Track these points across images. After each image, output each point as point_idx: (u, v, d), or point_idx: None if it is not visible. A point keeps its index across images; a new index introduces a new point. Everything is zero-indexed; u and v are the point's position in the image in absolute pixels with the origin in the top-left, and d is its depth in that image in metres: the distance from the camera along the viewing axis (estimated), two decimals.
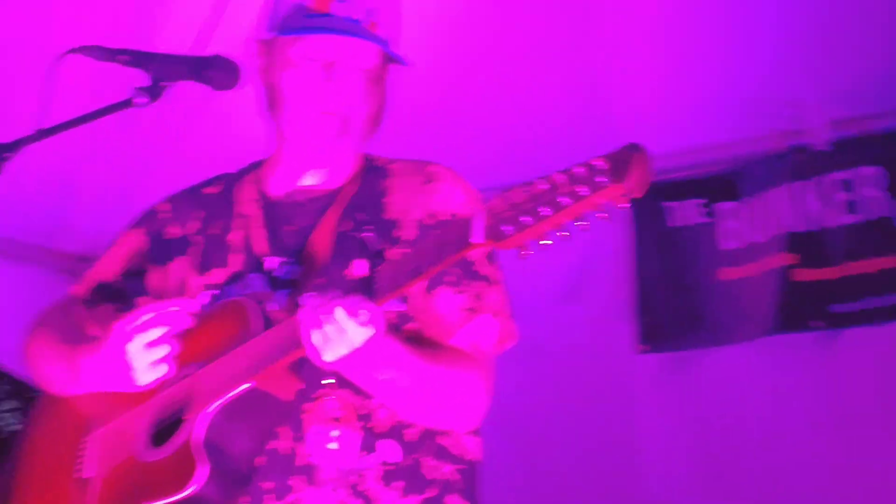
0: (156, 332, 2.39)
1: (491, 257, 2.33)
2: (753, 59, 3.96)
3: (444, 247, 2.08)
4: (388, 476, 2.40)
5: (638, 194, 1.89)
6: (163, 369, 2.40)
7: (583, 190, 1.89)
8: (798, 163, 4.05)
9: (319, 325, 2.14)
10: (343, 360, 2.18)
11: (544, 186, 1.94)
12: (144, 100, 2.36)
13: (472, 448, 2.52)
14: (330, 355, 2.16)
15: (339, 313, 2.12)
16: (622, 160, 1.87)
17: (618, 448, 4.34)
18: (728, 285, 4.19)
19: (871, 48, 3.77)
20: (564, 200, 1.91)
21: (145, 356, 2.39)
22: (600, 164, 1.89)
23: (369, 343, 2.15)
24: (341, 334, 2.13)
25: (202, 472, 2.26)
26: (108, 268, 2.73)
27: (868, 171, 3.92)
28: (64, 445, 2.60)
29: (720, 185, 4.25)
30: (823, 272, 4.01)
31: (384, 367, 2.27)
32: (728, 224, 4.21)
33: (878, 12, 3.71)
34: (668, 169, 4.32)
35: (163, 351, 2.39)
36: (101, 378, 2.46)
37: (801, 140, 4.04)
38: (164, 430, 2.40)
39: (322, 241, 2.48)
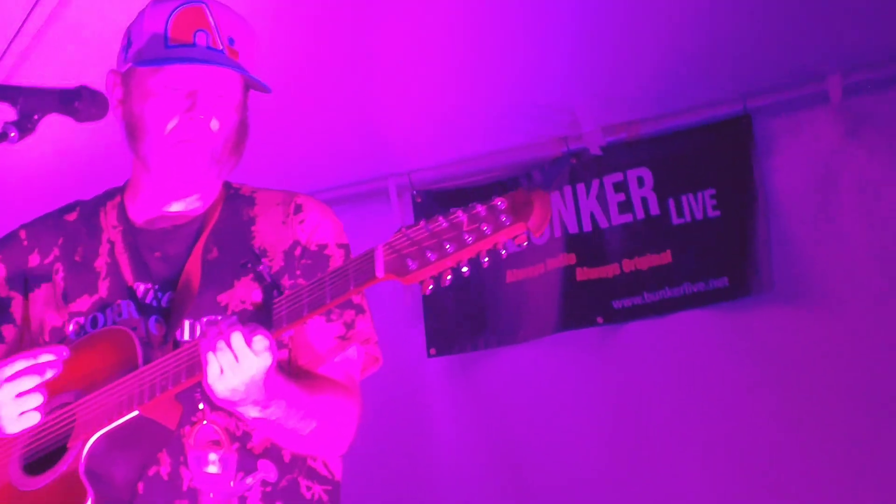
0: (27, 383, 2.34)
1: (432, 287, 2.43)
2: (531, 67, 4.08)
3: (346, 279, 2.13)
4: (267, 497, 2.42)
5: (539, 232, 2.03)
6: (32, 419, 2.35)
7: (487, 228, 2.02)
8: (575, 167, 4.22)
9: (215, 351, 2.15)
10: (237, 393, 2.19)
11: (445, 225, 2.05)
12: (16, 134, 2.33)
13: (335, 469, 2.57)
14: (223, 386, 2.18)
15: (237, 340, 2.14)
16: (522, 201, 2.01)
17: (413, 453, 4.41)
18: (514, 286, 4.32)
19: (639, 56, 3.96)
20: (469, 238, 2.03)
21: (15, 406, 2.34)
22: (501, 204, 2.02)
23: (262, 374, 2.17)
24: (235, 362, 2.15)
25: (89, 500, 2.26)
26: None
27: (638, 172, 4.12)
28: None
29: (502, 190, 4.35)
30: (603, 270, 4.18)
31: (271, 399, 2.27)
32: None
33: (645, 23, 3.89)
34: (451, 176, 4.45)
35: (33, 402, 2.35)
36: None
37: (577, 145, 4.21)
38: (40, 459, 2.37)
39: (193, 267, 2.47)
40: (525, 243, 2.04)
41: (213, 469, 2.36)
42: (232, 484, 2.37)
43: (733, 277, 3.92)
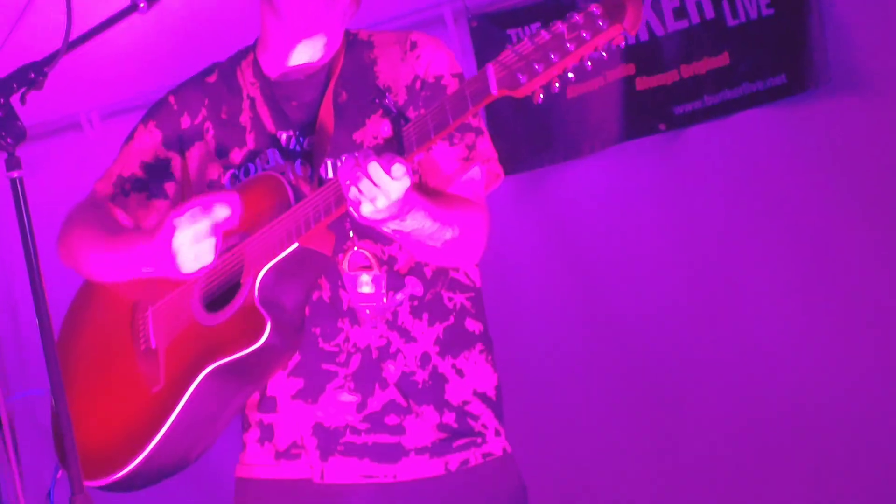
0: (203, 225, 2.53)
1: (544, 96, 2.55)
2: None
3: (464, 100, 2.27)
4: (415, 310, 2.65)
5: (635, 31, 2.15)
6: (207, 259, 2.56)
7: (586, 34, 2.14)
8: None
9: (357, 182, 2.31)
10: (382, 213, 2.36)
11: (548, 37, 2.17)
12: (144, 3, 2.44)
13: (475, 277, 2.77)
14: (368, 208, 2.34)
15: (374, 168, 2.29)
16: (615, 4, 2.13)
17: (483, 268, 4.53)
18: (575, 101, 4.37)
19: None
20: (571, 45, 2.15)
21: (191, 248, 2.54)
22: (596, 10, 2.14)
23: (404, 194, 2.33)
24: (377, 188, 2.31)
25: (268, 325, 2.47)
26: (127, 162, 2.86)
27: None
28: (116, 325, 2.78)
29: (555, 6, 4.38)
30: (662, 77, 4.21)
31: (408, 213, 2.43)
32: None
33: None
34: None
35: (208, 243, 2.54)
36: (150, 265, 2.61)
37: None
38: (217, 298, 2.60)
39: (327, 111, 2.65)
40: (622, 44, 2.16)
41: (366, 289, 2.59)
42: (384, 300, 2.60)
43: (791, 74, 3.93)
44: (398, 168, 2.30)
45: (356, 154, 2.34)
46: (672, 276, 4.22)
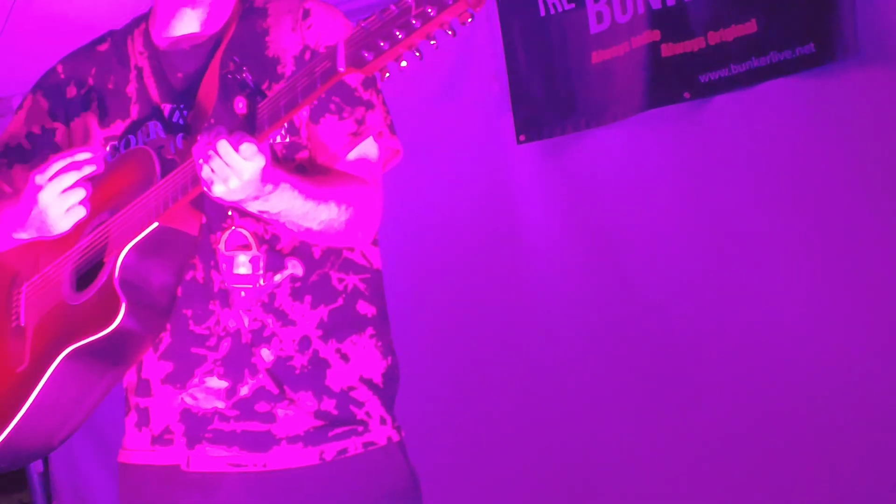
0: (69, 178, 2.49)
1: (367, 82, 2.45)
2: None
3: (313, 78, 2.21)
4: (296, 292, 2.57)
5: (478, 7, 2.05)
6: (79, 212, 2.52)
7: (431, 10, 2.06)
8: None
9: (208, 161, 2.26)
10: (236, 193, 2.30)
11: (395, 12, 2.09)
12: None
13: (373, 258, 2.69)
14: (220, 188, 2.29)
15: (224, 147, 2.24)
16: None
17: (507, 239, 4.50)
18: (600, 67, 4.29)
19: None
20: (416, 22, 2.07)
21: (60, 202, 2.49)
22: None
23: (258, 174, 2.28)
24: (228, 168, 2.25)
25: (122, 308, 2.42)
26: (13, 131, 2.81)
27: None
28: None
29: None
30: (688, 44, 4.12)
31: (271, 192, 2.37)
32: (596, 7, 4.28)
33: None
34: None
35: (77, 195, 2.50)
36: (21, 228, 2.57)
37: None
38: (86, 274, 2.54)
39: (210, 83, 2.57)
40: (469, 20, 2.07)
41: (242, 270, 2.52)
42: (262, 283, 2.52)
43: (819, 43, 3.83)
44: (248, 147, 2.24)
45: (209, 132, 2.28)
46: (694, 247, 4.14)
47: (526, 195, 4.48)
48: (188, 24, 2.66)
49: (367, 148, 2.61)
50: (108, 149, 2.66)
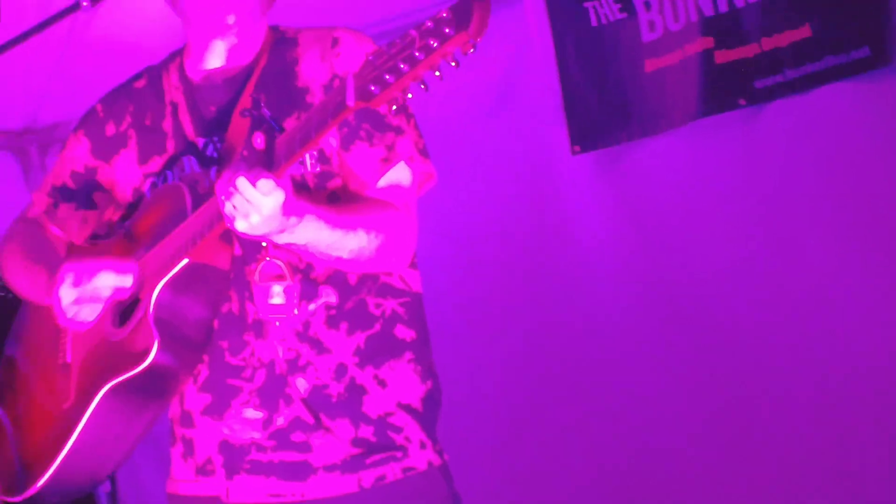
0: (89, 289, 2.56)
1: (397, 107, 2.49)
2: None
3: (325, 113, 2.23)
4: (332, 320, 2.59)
5: (479, 38, 2.05)
6: (85, 319, 2.59)
7: (433, 42, 2.06)
8: None
9: (229, 197, 2.28)
10: (259, 228, 2.32)
11: (401, 44, 2.10)
12: (88, 2, 2.44)
13: (412, 281, 2.70)
14: (242, 224, 2.31)
15: (242, 184, 2.25)
16: (463, 9, 2.03)
17: (557, 246, 4.49)
18: (653, 76, 4.27)
19: None
20: (419, 55, 2.07)
21: (72, 306, 2.58)
22: (445, 15, 2.05)
23: (278, 209, 2.29)
24: (248, 204, 2.27)
25: (156, 344, 2.46)
26: (59, 171, 2.88)
27: None
28: (45, 337, 2.81)
29: None
30: (742, 50, 4.10)
31: (304, 227, 2.39)
32: (648, 16, 4.28)
33: None
34: None
35: (89, 309, 2.58)
36: (34, 297, 2.68)
37: None
38: (126, 310, 2.59)
39: (240, 116, 2.59)
40: (471, 51, 2.06)
41: (276, 300, 2.54)
42: (296, 311, 2.54)
43: (874, 46, 3.79)
44: (265, 183, 2.24)
45: (229, 169, 2.30)
46: (752, 256, 4.10)
47: (581, 207, 4.47)
48: (220, 56, 2.69)
49: (399, 173, 2.62)
50: (147, 184, 2.71)
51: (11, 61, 4.32)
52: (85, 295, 2.54)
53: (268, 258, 2.54)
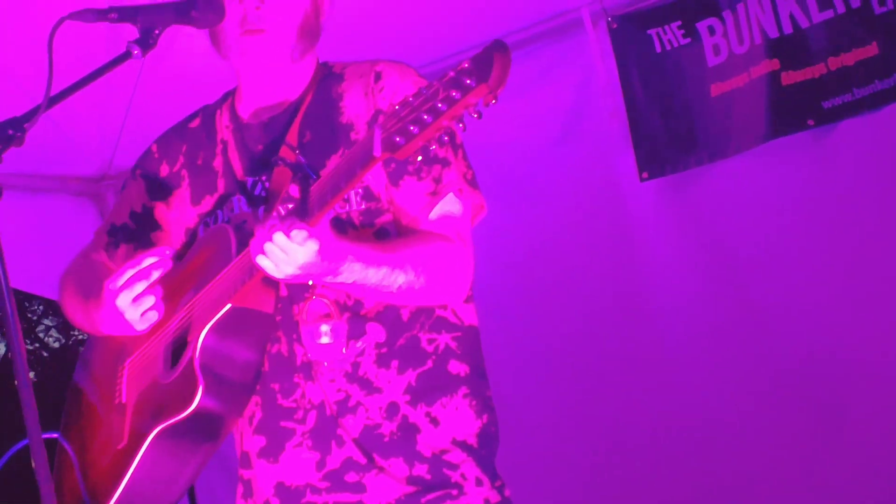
0: (139, 287, 2.54)
1: (442, 140, 2.50)
2: None
3: (353, 164, 2.23)
4: (382, 358, 2.57)
5: (500, 89, 2.05)
6: (153, 316, 2.57)
7: (455, 94, 2.06)
8: None
9: (261, 251, 2.29)
10: (298, 276, 2.33)
11: (425, 95, 2.10)
12: (139, 51, 2.46)
13: (465, 316, 2.67)
14: (280, 274, 2.31)
15: (277, 235, 2.26)
16: (484, 61, 2.04)
17: (628, 274, 4.47)
18: (719, 100, 4.26)
19: None
20: (442, 106, 2.08)
21: (133, 309, 2.55)
22: (466, 66, 2.06)
23: (313, 257, 2.29)
24: (283, 254, 2.27)
25: (200, 390, 2.46)
26: (118, 212, 2.90)
27: None
28: (104, 374, 2.82)
29: (698, 3, 4.28)
30: (809, 71, 4.08)
31: (338, 266, 2.37)
32: (712, 40, 4.27)
33: None
34: None
35: (147, 302, 2.55)
36: (109, 328, 2.63)
37: None
38: (177, 351, 2.60)
39: (285, 154, 2.59)
40: (493, 102, 2.06)
41: (325, 340, 2.53)
42: (343, 350, 2.53)
43: None
44: (298, 234, 2.25)
45: (264, 219, 2.30)
46: (825, 280, 4.06)
47: (652, 233, 4.44)
48: (262, 95, 2.71)
49: (449, 205, 2.60)
50: (201, 223, 2.72)
51: (86, 108, 4.44)
52: (137, 292, 2.53)
53: (314, 297, 2.54)
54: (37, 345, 14.90)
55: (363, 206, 2.58)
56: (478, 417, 2.62)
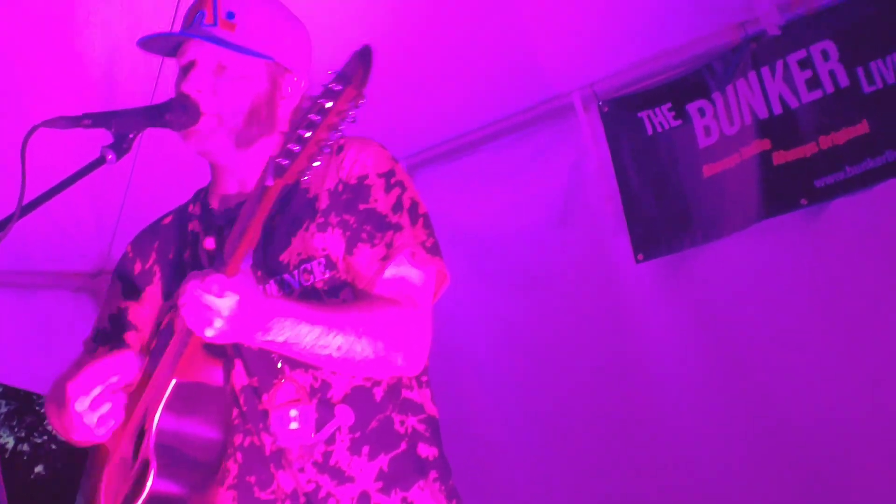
0: (96, 391, 2.51)
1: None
2: None
3: (252, 202, 2.28)
4: (355, 444, 2.53)
5: (365, 87, 2.16)
6: (112, 420, 2.53)
7: (326, 101, 2.16)
8: (756, 51, 4.13)
9: (188, 309, 2.30)
10: (227, 332, 2.31)
11: (301, 112, 2.20)
12: (113, 156, 2.47)
13: (422, 400, 2.65)
14: (209, 331, 2.30)
15: (197, 291, 2.28)
16: (347, 67, 2.16)
17: (626, 356, 4.47)
18: (712, 180, 4.28)
19: None
20: (316, 118, 2.17)
21: (92, 414, 2.51)
22: (332, 76, 2.17)
23: (236, 309, 2.28)
24: (207, 310, 2.28)
25: (152, 474, 2.43)
26: (100, 314, 2.91)
27: (821, 46, 3.99)
28: (94, 480, 2.78)
29: (688, 85, 4.32)
30: (800, 151, 4.09)
31: (280, 326, 2.37)
32: (703, 121, 4.30)
33: None
34: (633, 80, 4.43)
35: (105, 408, 2.51)
36: (76, 433, 2.59)
37: (754, 28, 4.11)
38: (139, 441, 2.56)
39: (255, 234, 2.52)
40: (362, 101, 2.16)
41: (293, 426, 2.50)
42: (312, 436, 2.49)
43: None
44: (215, 285, 2.26)
45: (185, 282, 2.31)
46: (822, 359, 4.04)
47: (649, 314, 4.44)
48: (227, 181, 2.74)
49: (403, 270, 2.57)
50: (171, 318, 2.69)
51: (81, 205, 4.47)
52: (97, 398, 2.50)
53: (284, 380, 2.52)
54: (45, 437, 14.86)
55: (327, 275, 2.57)
56: (448, 502, 2.61)
